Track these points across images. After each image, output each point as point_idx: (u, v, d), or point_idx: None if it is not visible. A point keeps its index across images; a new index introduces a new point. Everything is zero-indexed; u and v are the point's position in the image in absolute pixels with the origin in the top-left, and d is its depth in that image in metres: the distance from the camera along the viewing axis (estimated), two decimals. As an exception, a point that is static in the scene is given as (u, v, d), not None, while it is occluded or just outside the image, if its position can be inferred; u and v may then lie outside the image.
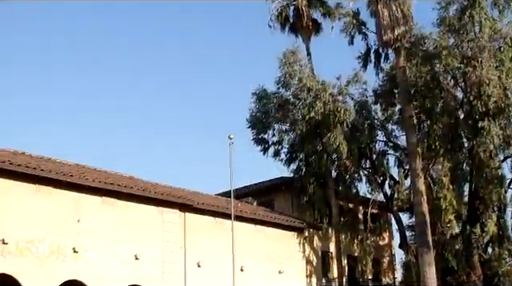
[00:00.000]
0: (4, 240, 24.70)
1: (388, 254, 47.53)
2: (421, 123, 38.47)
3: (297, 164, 41.39)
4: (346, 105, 39.08)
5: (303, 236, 39.01)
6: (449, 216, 37.19)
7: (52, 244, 26.30)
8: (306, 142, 39.76)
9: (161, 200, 30.78)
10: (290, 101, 40.48)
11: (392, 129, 41.90)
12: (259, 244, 35.63)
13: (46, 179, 26.45)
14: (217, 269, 32.25)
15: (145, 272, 29.43)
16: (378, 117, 41.51)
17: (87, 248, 27.43)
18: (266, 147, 41.50)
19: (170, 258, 30.75)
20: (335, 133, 37.74)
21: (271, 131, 41.28)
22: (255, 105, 40.94)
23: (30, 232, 25.67)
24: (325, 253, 41.43)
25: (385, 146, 42.35)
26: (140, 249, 29.37)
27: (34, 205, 26.08)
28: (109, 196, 28.76)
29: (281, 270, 36.25)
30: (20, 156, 28.60)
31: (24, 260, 25.31)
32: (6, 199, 25.29)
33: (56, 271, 26.21)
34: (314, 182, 39.82)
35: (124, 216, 29.23)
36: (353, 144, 38.69)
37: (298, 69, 39.86)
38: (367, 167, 42.33)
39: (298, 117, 40.08)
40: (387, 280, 46.66)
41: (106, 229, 28.38)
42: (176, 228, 31.46)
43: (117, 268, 28.34)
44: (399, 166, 41.86)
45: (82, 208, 27.68)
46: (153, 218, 30.51)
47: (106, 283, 27.78)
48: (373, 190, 41.84)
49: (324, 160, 39.19)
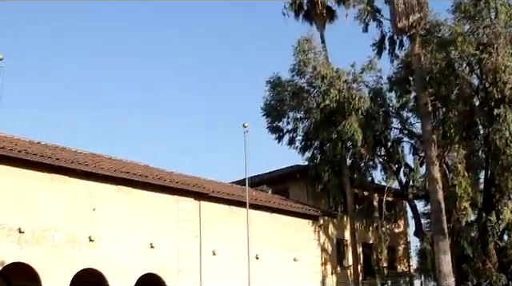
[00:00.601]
0: (20, 229, 24.85)
1: (403, 242, 47.49)
2: (436, 110, 38.24)
3: (311, 152, 41.36)
4: (360, 93, 38.96)
5: (318, 223, 39.06)
6: (464, 204, 37.04)
7: (68, 232, 26.45)
8: (320, 130, 39.70)
9: (176, 188, 30.85)
10: (305, 88, 40.41)
11: (407, 117, 41.81)
12: (274, 232, 35.71)
13: (62, 168, 26.57)
14: (232, 257, 32.36)
15: (160, 261, 29.56)
16: (392, 104, 41.37)
17: (103, 236, 27.56)
18: (280, 135, 41.49)
19: (186, 246, 30.86)
20: (350, 121, 37.66)
21: (286, 119, 41.27)
22: (270, 93, 40.92)
23: (45, 220, 25.82)
24: (340, 241, 41.48)
25: (400, 134, 42.26)
26: (155, 238, 29.48)
27: (49, 194, 26.22)
28: (124, 185, 28.86)
29: (296, 258, 36.35)
30: (35, 146, 28.74)
31: (40, 248, 25.47)
32: (22, 188, 25.43)
33: (72, 259, 26.37)
34: (329, 170, 39.78)
35: (139, 205, 29.33)
36: (368, 132, 38.58)
37: (313, 57, 39.77)
38: (382, 154, 42.25)
39: (312, 105, 40.03)
40: (402, 268, 46.64)
41: (121, 218, 28.49)
42: (191, 217, 31.55)
43: (132, 257, 28.48)
44: (414, 154, 41.74)
45: (97, 197, 27.80)
46: (168, 206, 30.60)
47: (122, 271, 27.92)
48: (388, 178, 41.74)
49: (339, 148, 39.13)
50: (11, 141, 27.80)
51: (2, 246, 24.18)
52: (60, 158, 26.76)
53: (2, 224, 24.38)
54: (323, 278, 38.63)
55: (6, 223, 24.53)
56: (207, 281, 31.51)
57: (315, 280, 37.73)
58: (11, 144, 26.39)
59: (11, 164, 24.99)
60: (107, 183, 28.27)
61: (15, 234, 24.76)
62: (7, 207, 24.64)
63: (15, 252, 24.68)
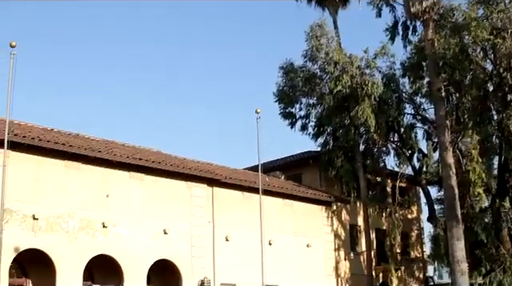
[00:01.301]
0: (34, 216, 24.97)
1: (416, 228, 47.47)
2: (449, 96, 38.06)
3: (324, 138, 41.34)
4: (373, 79, 38.84)
5: (331, 209, 39.06)
6: (478, 190, 36.96)
7: (82, 219, 26.56)
8: (333, 116, 39.63)
9: (189, 174, 30.89)
10: (317, 74, 40.31)
11: (420, 102, 41.68)
12: (287, 218, 35.73)
13: (75, 155, 26.65)
14: (245, 243, 32.42)
15: (173, 247, 29.65)
16: (406, 89, 41.23)
17: (116, 223, 27.67)
18: (293, 121, 41.46)
19: (199, 232, 30.93)
20: (363, 107, 37.57)
21: (298, 105, 41.25)
22: (282, 79, 40.85)
23: (59, 207, 25.93)
24: (353, 227, 41.49)
25: (413, 119, 42.17)
26: (169, 224, 29.56)
27: (63, 181, 26.31)
28: (137, 172, 28.92)
29: (309, 244, 36.38)
30: (49, 133, 28.83)
31: (54, 235, 25.59)
32: (36, 175, 25.54)
33: (86, 246, 26.48)
34: (342, 156, 39.75)
35: (152, 191, 29.40)
36: (381, 118, 38.50)
37: (325, 43, 39.63)
38: (395, 140, 42.16)
39: (325, 91, 39.95)
40: (415, 254, 46.65)
41: (134, 204, 28.58)
42: (204, 203, 31.61)
43: (146, 243, 28.57)
44: (428, 139, 41.63)
45: (110, 184, 27.89)
46: (181, 193, 30.66)
47: (136, 257, 28.03)
48: (401, 163, 41.71)
49: (352, 134, 39.08)
50: (25, 128, 27.90)
51: (17, 233, 24.28)
52: (73, 145, 26.83)
53: (17, 210, 24.49)
54: (336, 264, 38.66)
55: (21, 210, 24.65)
56: (220, 267, 31.60)
57: (328, 265, 37.76)
58: (25, 131, 26.48)
59: (25, 152, 25.06)
60: (120, 169, 28.34)
61: (29, 221, 24.89)
62: (21, 194, 24.73)
63: (29, 239, 24.81)
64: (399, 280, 43.56)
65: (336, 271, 38.53)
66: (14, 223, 24.35)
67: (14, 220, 24.32)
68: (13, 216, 24.29)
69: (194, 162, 34.21)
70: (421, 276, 46.61)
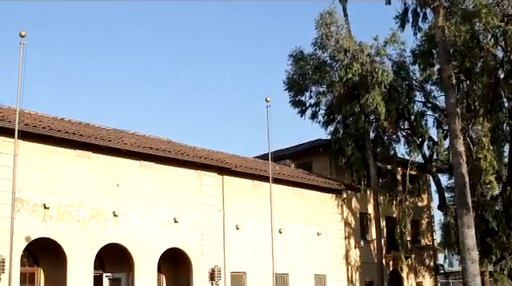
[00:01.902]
0: (45, 205, 25.05)
1: (427, 215, 47.46)
2: (460, 83, 37.93)
3: (334, 126, 41.27)
4: (383, 66, 38.72)
5: (341, 197, 39.05)
6: (489, 177, 36.89)
7: (92, 208, 26.64)
8: (343, 104, 39.54)
9: (199, 163, 30.91)
10: (327, 62, 40.18)
11: (431, 90, 41.65)
12: (297, 206, 35.76)
13: (86, 144, 26.70)
14: (255, 232, 32.50)
15: (184, 235, 29.73)
16: (416, 77, 41.17)
17: (127, 211, 27.74)
18: (303, 109, 41.42)
19: (209, 221, 30.99)
20: (373, 94, 37.48)
21: (308, 93, 41.18)
22: (292, 67, 40.75)
23: (70, 196, 26.02)
24: (363, 215, 41.50)
25: (423, 107, 42.12)
26: (179, 212, 29.63)
27: (74, 170, 26.38)
28: (147, 160, 28.96)
29: (319, 232, 36.43)
30: (59, 122, 28.88)
31: (65, 224, 25.69)
32: (47, 164, 25.61)
33: (97, 234, 26.58)
34: (352, 144, 39.70)
35: (163, 180, 29.46)
36: (391, 105, 38.40)
37: (335, 31, 39.47)
38: (406, 128, 42.10)
39: (335, 79, 39.84)
40: (426, 242, 46.65)
41: (145, 193, 28.64)
42: (214, 191, 31.65)
43: (156, 231, 28.66)
44: (438, 127, 41.59)
45: (121, 173, 27.95)
46: (191, 181, 30.70)
47: (146, 246, 28.12)
48: (411, 151, 41.66)
49: (362, 122, 38.99)
50: (35, 117, 27.94)
51: (28, 222, 24.40)
52: (84, 134, 26.88)
53: (28, 200, 24.59)
54: (346, 252, 38.71)
55: (32, 199, 24.74)
56: (231, 255, 31.68)
57: (338, 253, 37.81)
58: (35, 120, 26.52)
59: (36, 141, 25.12)
60: (131, 158, 28.38)
61: (40, 210, 24.98)
62: (32, 183, 24.82)
63: (40, 228, 24.91)
64: (409, 268, 43.64)
65: (346, 259, 38.60)
66: (25, 212, 24.47)
67: (25, 210, 24.44)
68: (24, 206, 24.41)
69: (204, 151, 34.24)
70: (431, 263, 46.64)
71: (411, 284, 44.13)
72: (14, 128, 21.87)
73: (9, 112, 26.16)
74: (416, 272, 44.86)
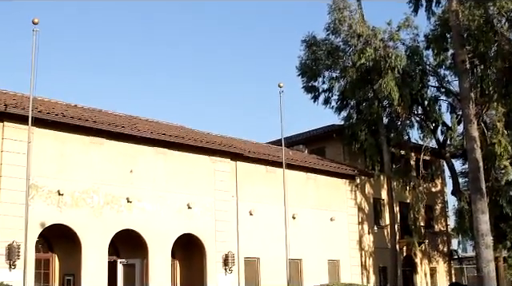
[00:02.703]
0: (59, 192, 25.15)
1: (440, 201, 47.37)
2: (474, 67, 37.70)
3: (348, 112, 41.19)
4: (397, 51, 38.56)
5: (355, 183, 39.00)
6: (503, 162, 36.77)
7: (106, 194, 26.71)
8: (356, 89, 39.44)
9: (212, 149, 30.92)
10: (340, 47, 40.05)
11: (444, 75, 41.43)
12: (311, 192, 35.75)
13: (99, 131, 26.74)
14: (269, 217, 32.52)
15: (197, 221, 29.79)
16: (429, 62, 40.95)
17: (141, 198, 27.80)
18: (316, 95, 41.33)
19: (223, 207, 31.03)
20: (386, 80, 37.33)
21: (321, 78, 41.07)
22: (305, 52, 40.64)
23: (84, 183, 26.10)
24: (377, 200, 41.47)
25: (437, 92, 41.96)
26: (192, 198, 29.68)
27: (87, 157, 26.44)
28: (161, 147, 28.97)
29: (332, 217, 36.40)
30: (72, 109, 28.96)
31: (79, 210, 25.79)
32: (61, 151, 25.67)
33: (111, 221, 26.68)
34: (366, 129, 39.60)
35: (176, 166, 29.49)
36: (404, 91, 38.25)
37: (348, 15, 39.30)
38: (419, 113, 41.94)
39: (348, 64, 39.71)
40: (440, 227, 46.60)
41: (158, 179, 28.69)
42: (228, 177, 31.67)
43: (170, 218, 28.73)
44: (452, 112, 41.42)
45: (134, 159, 27.99)
46: (205, 167, 30.72)
47: (160, 232, 28.21)
48: (425, 136, 41.53)
49: (375, 107, 38.88)
50: (48, 104, 28.03)
51: (42, 208, 24.51)
52: (97, 121, 26.91)
53: (42, 186, 24.69)
54: (360, 237, 38.70)
55: (46, 185, 24.84)
56: (244, 241, 31.72)
57: (352, 239, 37.79)
58: (49, 107, 26.60)
59: (49, 128, 25.18)
60: (144, 145, 28.40)
61: (55, 196, 25.08)
62: (46, 170, 24.92)
63: (55, 214, 25.02)
64: (423, 254, 43.62)
65: (360, 244, 38.59)
66: (40, 198, 24.58)
67: (39, 196, 24.55)
68: (38, 192, 24.51)
69: (218, 137, 34.26)
70: (445, 249, 46.61)
71: (425, 269, 44.13)
72: (28, 115, 21.96)
73: (22, 99, 26.27)
74: (429, 257, 44.85)
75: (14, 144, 23.91)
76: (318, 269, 34.91)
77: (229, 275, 30.46)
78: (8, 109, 23.80)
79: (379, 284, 39.57)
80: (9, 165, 23.82)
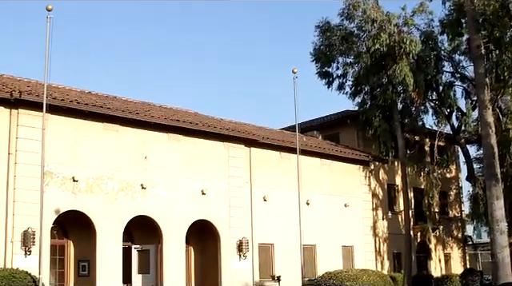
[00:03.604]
0: (74, 178, 25.29)
1: (455, 187, 47.24)
2: (489, 53, 37.38)
3: (362, 97, 40.97)
4: (411, 36, 38.24)
5: (369, 169, 38.96)
6: (518, 148, 36.55)
7: (121, 180, 26.82)
8: (370, 75, 39.21)
9: (226, 135, 30.92)
10: (354, 33, 39.76)
11: (459, 60, 41.10)
12: (325, 178, 35.74)
13: (113, 117, 26.81)
14: (283, 203, 32.55)
15: (212, 207, 29.87)
16: (444, 47, 40.62)
17: (155, 184, 27.89)
18: (330, 80, 41.10)
19: (237, 193, 31.07)
20: (401, 65, 37.08)
21: (335, 64, 40.78)
22: (319, 38, 40.38)
23: (98, 169, 26.21)
24: (391, 186, 41.42)
25: (452, 77, 41.66)
26: (207, 185, 29.74)
27: (102, 143, 26.53)
28: (175, 133, 29.02)
29: (346, 203, 36.41)
30: (86, 96, 29.06)
31: (94, 196, 25.91)
32: (75, 138, 25.78)
33: (125, 207, 26.80)
34: (380, 115, 39.43)
35: (190, 152, 29.53)
36: (419, 76, 37.99)
37: (362, 1, 38.97)
38: (434, 99, 41.73)
39: (362, 50, 39.43)
40: (454, 213, 46.48)
41: (172, 165, 28.75)
42: (242, 163, 31.69)
43: (184, 204, 28.82)
44: (467, 97, 41.15)
45: (148, 145, 28.05)
46: (219, 153, 30.75)
47: (174, 218, 28.32)
48: (439, 122, 41.32)
49: (389, 93, 38.67)
50: (63, 91, 28.14)
51: (57, 195, 24.65)
52: (111, 107, 26.98)
53: (57, 173, 24.82)
54: (374, 223, 38.69)
55: (60, 172, 24.97)
56: (258, 227, 31.78)
57: (366, 225, 37.79)
58: (63, 94, 26.71)
59: (64, 115, 25.29)
60: (158, 131, 28.47)
61: (69, 183, 25.22)
62: (61, 156, 25.04)
63: (70, 201, 25.17)
64: (437, 240, 43.56)
65: (374, 230, 38.59)
66: (55, 185, 24.71)
67: (54, 183, 24.68)
68: (53, 179, 24.66)
69: (232, 123, 34.27)
70: (459, 235, 46.52)
71: (439, 255, 44.09)
72: (42, 102, 22.07)
73: (37, 86, 26.37)
74: (444, 243, 44.78)
75: (29, 131, 24.02)
76: (332, 255, 34.96)
77: (243, 261, 30.57)
78: (22, 96, 23.91)
79: (393, 269, 39.56)
80: (24, 152, 23.96)
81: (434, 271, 42.83)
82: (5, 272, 21.51)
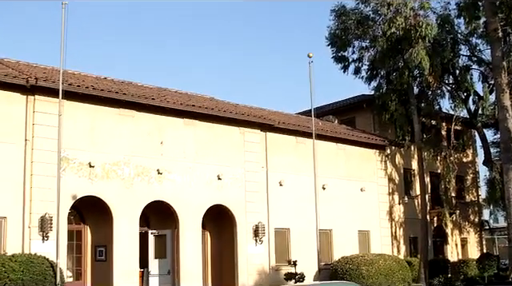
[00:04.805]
0: (90, 164, 25.37)
1: (472, 171, 47.02)
2: (507, 36, 37.05)
3: (378, 82, 40.76)
4: (427, 20, 37.90)
5: (385, 153, 38.85)
6: (536, 131, 36.23)
7: (137, 166, 26.89)
8: (386, 59, 38.96)
9: (242, 120, 30.90)
10: (370, 17, 39.50)
11: (476, 43, 40.76)
12: (340, 162, 35.68)
13: (129, 103, 26.85)
14: (299, 188, 32.53)
15: (227, 192, 29.92)
16: (461, 30, 40.32)
17: (171, 169, 27.95)
18: (346, 65, 40.91)
19: (253, 177, 31.09)
20: (417, 49, 36.80)
21: (351, 48, 40.54)
22: (334, 22, 40.15)
23: (115, 155, 26.28)
24: (407, 170, 41.30)
25: (468, 61, 41.34)
26: (222, 169, 29.77)
27: (117, 129, 26.60)
28: (190, 118, 29.04)
29: (362, 188, 36.36)
30: (102, 81, 29.12)
31: (110, 182, 26.01)
32: (91, 123, 25.85)
33: (141, 192, 26.88)
34: (396, 99, 39.24)
35: (206, 137, 29.55)
36: (435, 60, 37.71)
37: (378, -16, 38.76)
38: (450, 83, 41.50)
39: (378, 34, 39.18)
40: (471, 198, 46.30)
41: (188, 151, 28.79)
42: (257, 148, 31.69)
43: (200, 189, 28.87)
44: (484, 81, 40.89)
45: (164, 131, 28.10)
46: (234, 138, 30.76)
47: (191, 203, 28.39)
48: (456, 106, 41.10)
49: (406, 77, 38.41)
50: (78, 77, 28.21)
51: (74, 180, 24.76)
52: (127, 93, 27.02)
53: (73, 158, 24.91)
54: (390, 208, 38.63)
55: (77, 158, 25.06)
56: (274, 212, 31.80)
57: (382, 209, 37.73)
58: (79, 80, 26.78)
59: (79, 101, 25.35)
60: (174, 116, 28.49)
61: (86, 168, 25.31)
62: (77, 142, 25.12)
63: (86, 186, 25.28)
64: (454, 224, 43.42)
65: (390, 215, 38.54)
66: (71, 171, 24.81)
67: (70, 168, 24.78)
68: (70, 165, 24.75)
69: (247, 108, 34.26)
70: (476, 219, 46.36)
71: (455, 239, 43.98)
72: (59, 88, 22.16)
73: (53, 72, 26.46)
74: (460, 227, 44.66)
75: (45, 118, 24.12)
76: (348, 240, 34.95)
77: (259, 245, 30.63)
78: (39, 83, 24.00)
79: (409, 254, 39.52)
80: (40, 138, 24.07)
81: (451, 255, 42.76)
82: (23, 257, 21.68)
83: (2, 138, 23.54)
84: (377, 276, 31.40)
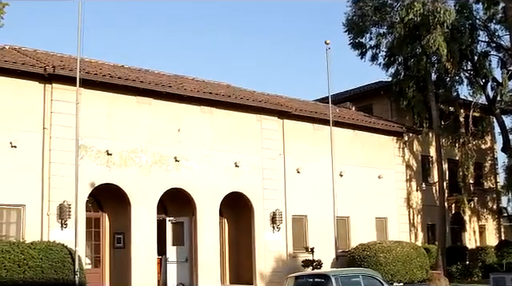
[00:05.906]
0: (108, 151, 25.47)
1: (490, 158, 46.77)
2: (526, 21, 36.79)
3: (395, 68, 40.55)
4: (446, 6, 37.60)
5: (403, 140, 38.67)
6: (555, 118, 36.05)
7: (154, 153, 26.95)
8: (404, 45, 38.73)
9: (259, 107, 30.86)
10: (388, 3, 39.28)
11: (495, 29, 40.39)
12: (358, 150, 35.57)
13: (146, 90, 26.88)
14: (316, 175, 32.50)
15: (245, 179, 29.93)
16: (479, 16, 39.98)
17: (188, 156, 27.99)
18: (363, 51, 40.74)
19: (270, 165, 31.08)
20: (435, 35, 36.56)
21: (368, 35, 40.36)
22: (351, 8, 39.98)
23: (132, 142, 26.35)
24: (425, 157, 41.17)
25: (487, 47, 41.02)
26: (240, 157, 29.77)
27: (135, 116, 26.65)
28: (207, 105, 29.02)
29: (380, 175, 36.22)
30: (119, 69, 29.17)
31: (128, 169, 26.09)
32: (109, 111, 25.93)
33: (159, 180, 26.96)
34: (414, 85, 39.03)
35: (223, 125, 29.55)
36: (453, 46, 37.46)
37: (396, -31, 38.53)
38: (468, 69, 41.20)
39: (395, 20, 38.94)
40: (489, 185, 46.09)
41: (206, 138, 28.81)
42: (275, 135, 31.65)
43: (217, 176, 28.91)
44: (502, 67, 40.55)
45: (181, 118, 28.12)
46: (252, 126, 30.74)
47: (208, 190, 28.44)
48: (474, 93, 40.78)
49: (423, 63, 38.21)
50: (95, 65, 28.26)
51: (92, 168, 24.88)
52: (144, 81, 27.05)
53: (91, 146, 25.02)
54: (408, 195, 38.50)
55: (95, 145, 25.17)
56: (291, 199, 31.80)
57: (400, 196, 37.57)
58: (96, 68, 26.83)
59: (97, 89, 25.42)
60: (191, 104, 28.50)
61: (103, 156, 25.41)
62: (95, 130, 25.21)
63: (104, 174, 25.39)
64: (472, 211, 43.27)
65: (408, 202, 38.41)
66: (89, 159, 24.92)
67: (88, 156, 24.89)
68: (87, 152, 24.86)
69: (264, 95, 34.21)
70: (494, 206, 46.17)
71: (473, 226, 43.84)
72: (76, 76, 22.20)
73: (70, 61, 26.52)
74: (478, 214, 44.50)
75: (63, 106, 24.19)
76: (366, 227, 34.88)
77: (276, 232, 30.66)
78: (56, 71, 24.08)
79: (427, 241, 39.45)
80: (58, 126, 24.17)
81: (469, 242, 42.64)
82: (42, 245, 21.81)
83: (20, 127, 23.67)
84: (394, 263, 31.40)
